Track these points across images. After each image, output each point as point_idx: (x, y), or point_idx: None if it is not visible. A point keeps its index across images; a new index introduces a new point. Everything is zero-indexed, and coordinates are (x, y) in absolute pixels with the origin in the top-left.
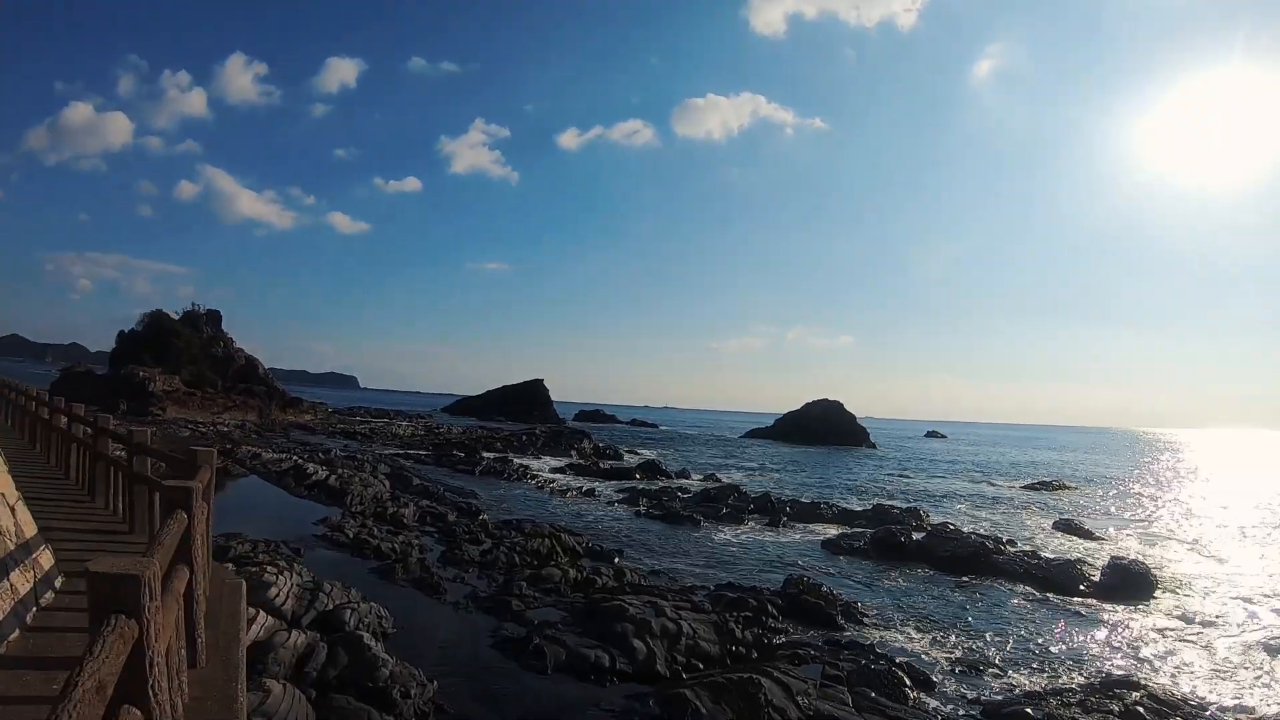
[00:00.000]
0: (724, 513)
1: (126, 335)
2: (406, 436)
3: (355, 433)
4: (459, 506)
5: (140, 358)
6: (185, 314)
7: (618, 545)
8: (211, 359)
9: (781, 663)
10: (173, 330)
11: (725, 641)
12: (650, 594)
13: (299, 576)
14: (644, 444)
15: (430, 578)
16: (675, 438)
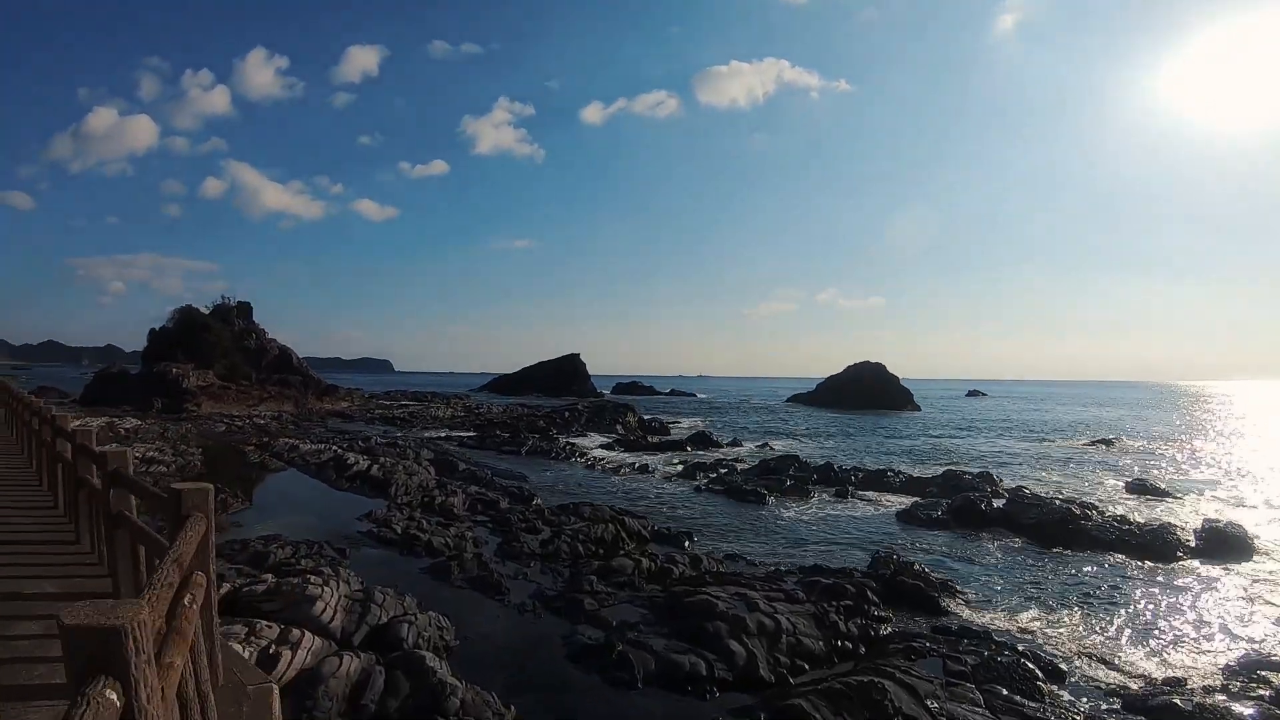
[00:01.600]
0: (788, 485)
1: (157, 333)
2: (447, 418)
3: (394, 418)
4: (510, 492)
5: (172, 354)
6: (215, 308)
7: (684, 526)
8: (244, 351)
9: (896, 658)
10: (203, 325)
11: (829, 636)
12: (734, 583)
13: (346, 585)
14: (687, 414)
15: (489, 575)
16: (716, 406)
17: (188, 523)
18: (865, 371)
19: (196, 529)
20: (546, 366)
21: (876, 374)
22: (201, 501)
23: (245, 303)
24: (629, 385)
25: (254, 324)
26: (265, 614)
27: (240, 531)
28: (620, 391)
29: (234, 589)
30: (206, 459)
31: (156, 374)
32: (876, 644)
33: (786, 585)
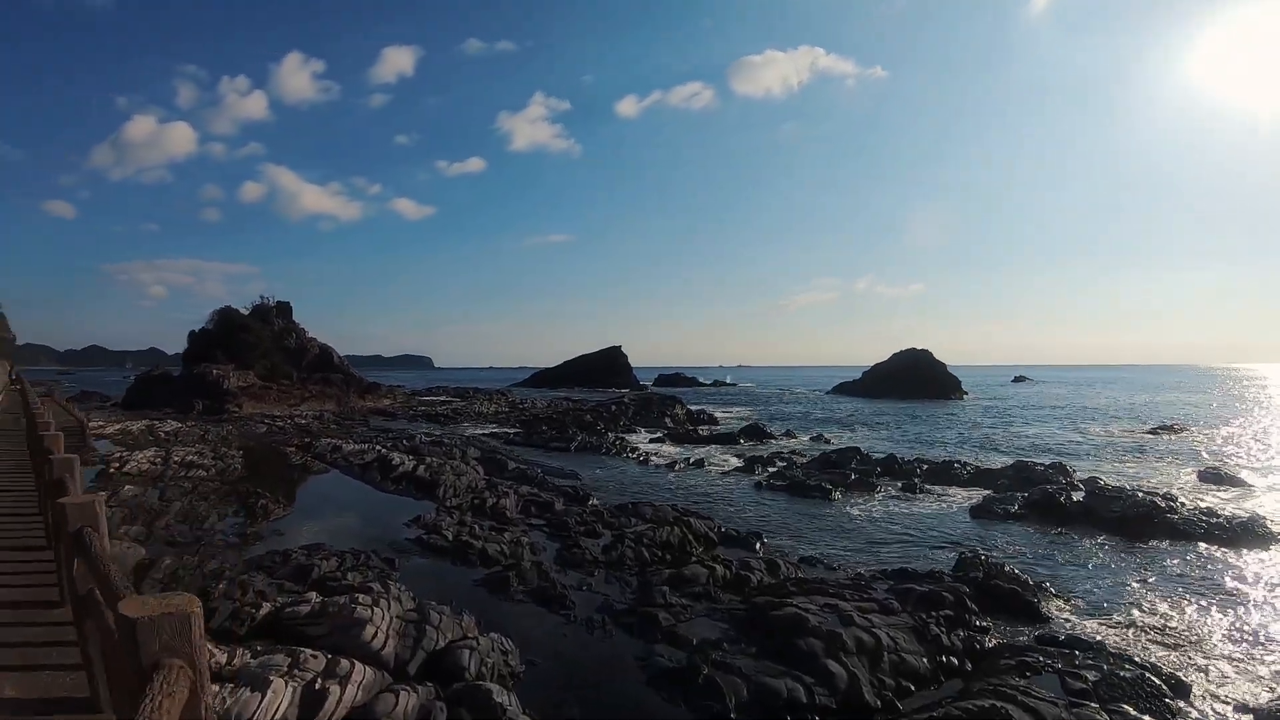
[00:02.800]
0: (852, 479)
1: (197, 335)
2: (491, 414)
3: (437, 415)
4: (564, 492)
5: (212, 355)
6: (254, 308)
7: (749, 526)
8: (285, 351)
9: (1009, 676)
10: (242, 325)
11: (932, 652)
12: (820, 592)
13: (398, 603)
14: (732, 405)
15: (552, 587)
16: (761, 397)
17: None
18: (912, 359)
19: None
20: (588, 360)
21: (922, 361)
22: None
23: (285, 302)
24: (671, 377)
25: (294, 323)
26: (310, 639)
27: (281, 541)
28: (662, 384)
29: (275, 609)
30: (247, 461)
31: (197, 375)
32: (983, 659)
33: (877, 594)
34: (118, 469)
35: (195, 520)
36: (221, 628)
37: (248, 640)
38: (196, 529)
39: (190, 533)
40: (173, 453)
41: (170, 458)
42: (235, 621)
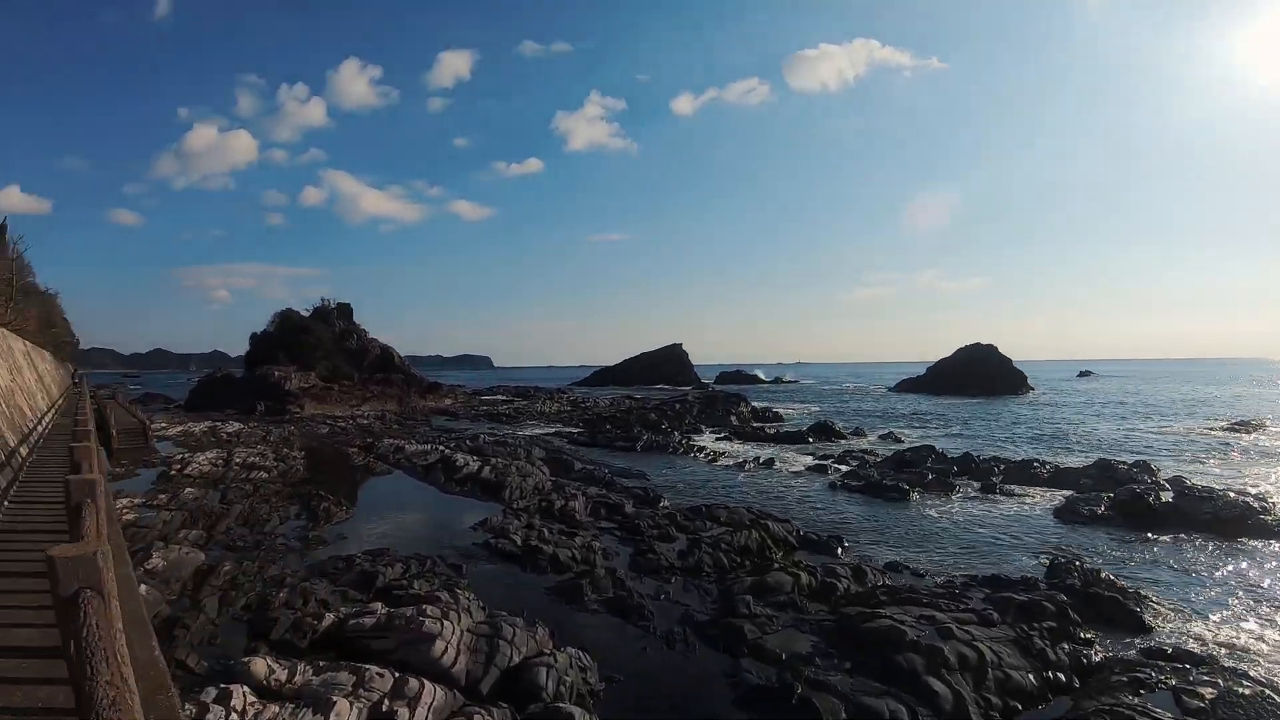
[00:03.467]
0: (929, 479)
1: (259, 337)
2: (553, 414)
3: (499, 414)
4: (634, 494)
5: (274, 357)
6: (315, 310)
7: (830, 529)
8: (346, 352)
9: (1121, 693)
10: (303, 327)
11: (1037, 667)
12: (913, 602)
13: (469, 615)
14: (795, 402)
15: (628, 596)
16: (823, 394)
17: None
18: (976, 354)
19: None
20: (648, 358)
21: (988, 356)
22: None
23: (345, 304)
24: (732, 374)
25: (355, 324)
26: (375, 654)
27: (344, 545)
28: (723, 381)
29: (339, 620)
30: (309, 462)
31: (259, 377)
32: (1091, 674)
33: (973, 603)
34: (179, 471)
35: (256, 523)
36: (282, 640)
37: (310, 654)
38: (257, 532)
39: (251, 536)
40: (234, 454)
41: (232, 459)
42: (297, 633)
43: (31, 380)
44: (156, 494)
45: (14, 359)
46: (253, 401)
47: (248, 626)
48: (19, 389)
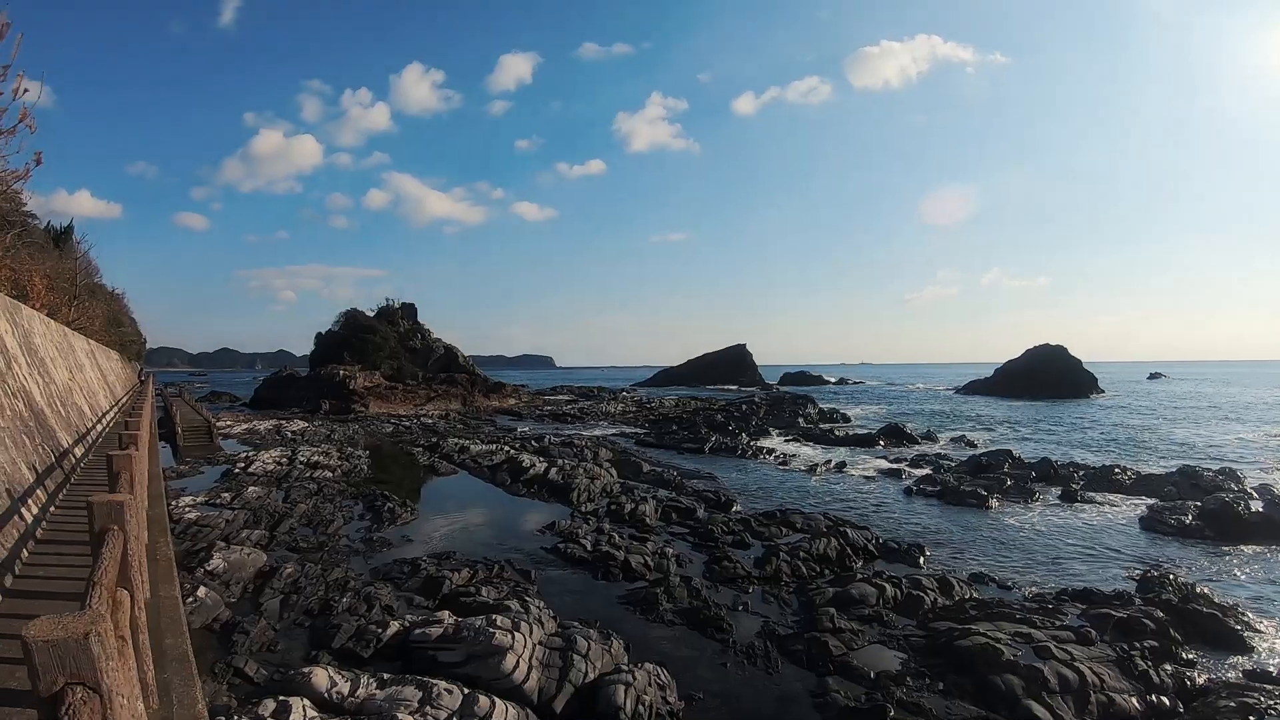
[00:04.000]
0: (1007, 485)
1: (324, 336)
2: (618, 414)
3: (564, 414)
4: (705, 497)
5: (339, 356)
6: (380, 310)
7: (908, 537)
8: (410, 351)
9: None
10: (368, 327)
11: (1140, 690)
12: (1004, 617)
13: (540, 626)
14: (861, 403)
15: (705, 607)
16: (889, 395)
17: None
18: (1046, 355)
19: None
20: (712, 358)
21: (1057, 357)
22: None
23: (410, 304)
24: (796, 375)
25: (419, 324)
26: (442, 666)
27: (409, 548)
28: (788, 382)
29: (404, 629)
30: (373, 462)
31: (324, 376)
32: (1196, 698)
33: (1068, 620)
34: (243, 469)
35: (320, 524)
36: (344, 648)
37: (373, 664)
38: (321, 533)
39: (314, 537)
40: (298, 453)
41: (296, 458)
42: (360, 642)
43: (94, 378)
44: (220, 492)
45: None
46: (317, 400)
47: (309, 633)
48: (79, 387)
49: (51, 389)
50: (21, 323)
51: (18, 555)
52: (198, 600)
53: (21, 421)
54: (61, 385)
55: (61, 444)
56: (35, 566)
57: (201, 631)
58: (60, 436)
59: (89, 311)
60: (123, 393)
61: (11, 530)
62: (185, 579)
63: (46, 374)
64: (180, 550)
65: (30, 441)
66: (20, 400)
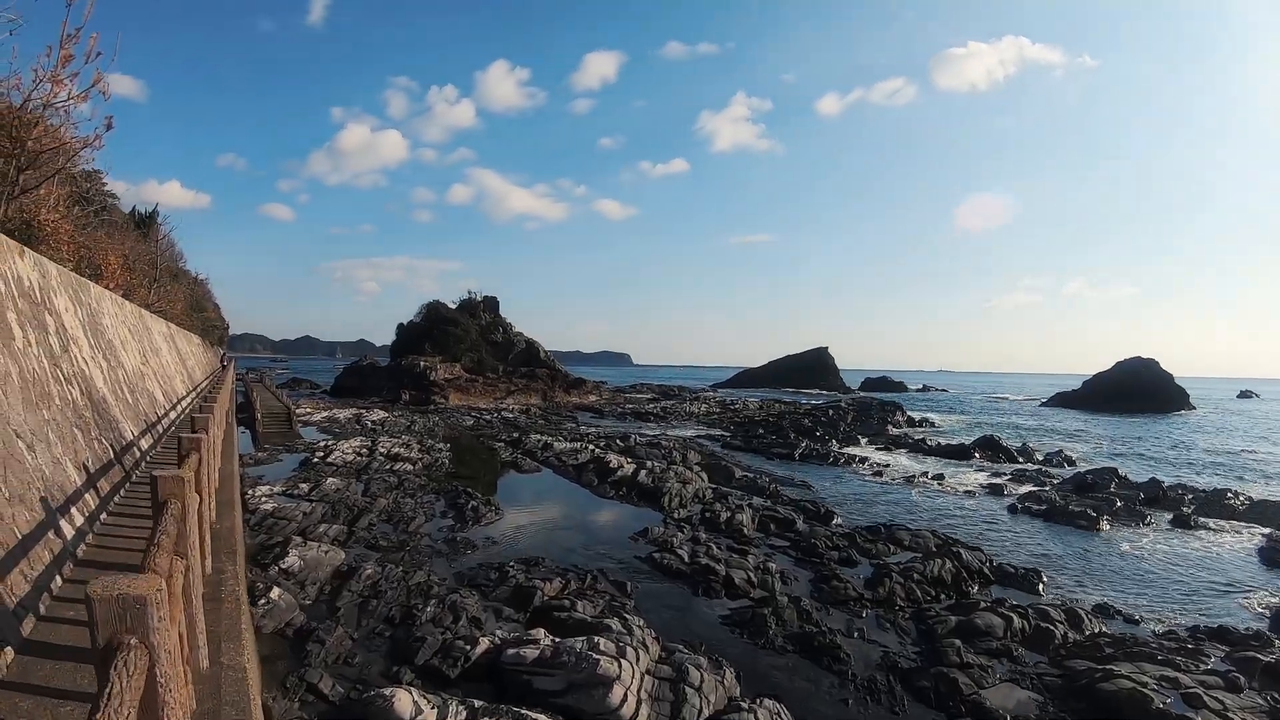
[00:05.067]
0: (1116, 507)
1: (406, 327)
2: (701, 415)
3: (646, 413)
4: (803, 508)
5: (420, 347)
6: (462, 302)
7: (1018, 559)
8: (491, 344)
9: None
10: (450, 319)
11: None
12: (1144, 657)
13: (645, 650)
14: (948, 412)
15: (819, 632)
16: (974, 405)
17: None
18: (1136, 369)
19: None
20: (793, 361)
21: (1148, 371)
22: None
23: (492, 297)
24: (878, 381)
25: (500, 317)
26: (538, 694)
27: (495, 550)
28: (870, 388)
29: (494, 647)
30: (455, 455)
31: (404, 366)
32: None
33: (1213, 663)
34: (322, 459)
35: (400, 520)
36: (428, 665)
37: (460, 686)
38: (401, 531)
39: (395, 535)
40: (378, 443)
41: (376, 449)
42: (446, 659)
43: (170, 362)
44: (297, 482)
45: (150, 340)
46: (398, 390)
47: (389, 644)
48: (152, 372)
49: (119, 374)
50: (88, 301)
51: (47, 585)
52: (271, 602)
53: (75, 412)
54: (132, 370)
55: (125, 436)
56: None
57: (273, 637)
58: (124, 427)
59: (170, 295)
60: (203, 377)
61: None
62: (259, 576)
63: (114, 357)
64: (255, 544)
65: (84, 435)
66: (76, 387)
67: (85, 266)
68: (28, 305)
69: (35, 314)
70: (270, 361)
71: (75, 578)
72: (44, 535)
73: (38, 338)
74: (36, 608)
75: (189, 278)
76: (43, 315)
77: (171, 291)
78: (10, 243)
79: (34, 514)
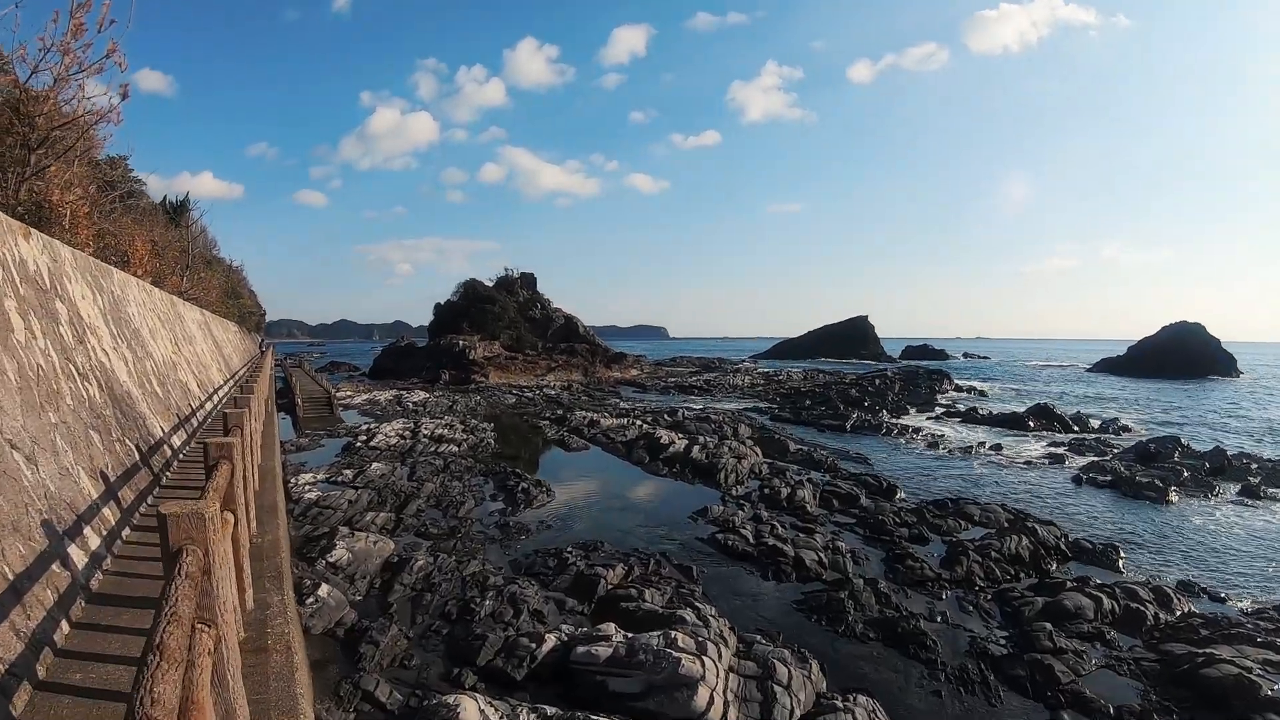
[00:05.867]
0: (1184, 477)
1: (443, 306)
2: (746, 387)
3: (689, 386)
4: (864, 482)
5: (458, 326)
6: (499, 280)
7: (1096, 534)
8: (529, 321)
9: None
10: (488, 297)
11: None
12: (1243, 639)
13: (724, 644)
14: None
15: (900, 616)
16: (1018, 373)
17: None
18: (1182, 333)
19: None
20: (833, 330)
21: (1192, 336)
22: None
23: (529, 274)
24: (919, 349)
25: (538, 294)
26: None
27: (549, 535)
28: (910, 356)
29: (562, 644)
30: (499, 434)
31: (443, 346)
32: None
33: None
34: (364, 443)
35: (449, 505)
36: (491, 667)
37: (527, 688)
38: (451, 517)
39: (444, 521)
40: (421, 425)
41: (419, 431)
42: (510, 659)
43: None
44: (341, 468)
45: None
46: (437, 370)
47: (447, 643)
48: (185, 361)
49: (146, 365)
50: (111, 288)
51: (48, 638)
52: (319, 601)
53: (91, 411)
54: (162, 360)
55: (154, 433)
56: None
57: (323, 639)
58: (153, 424)
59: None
60: (240, 365)
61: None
62: (306, 572)
63: (142, 348)
64: (300, 535)
65: (102, 437)
66: (94, 383)
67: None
68: (33, 292)
69: (43, 302)
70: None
71: (86, 620)
72: (45, 571)
73: (45, 328)
74: (33, 672)
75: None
76: (52, 303)
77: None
78: (11, 222)
79: (32, 544)
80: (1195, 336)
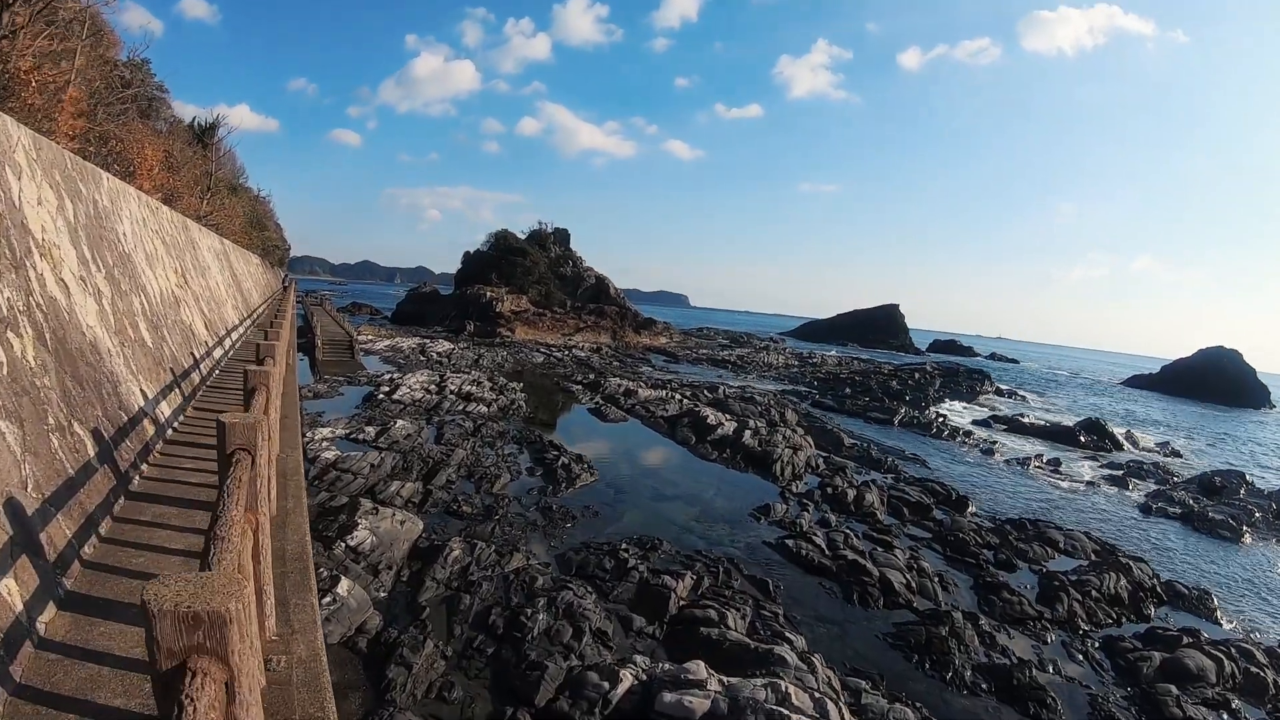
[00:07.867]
0: (1255, 517)
1: (472, 256)
2: (780, 367)
3: (722, 360)
4: (931, 489)
5: (486, 277)
6: (531, 233)
7: (1178, 573)
8: (560, 278)
9: None
10: (519, 249)
11: None
12: None
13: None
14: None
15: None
16: (1049, 380)
17: None
18: (1218, 359)
19: None
20: (862, 315)
21: (1227, 362)
22: None
23: (563, 229)
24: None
25: (571, 251)
26: None
27: (597, 524)
28: (937, 349)
29: (642, 684)
30: (530, 396)
31: (469, 296)
32: None
33: None
34: (387, 394)
35: (483, 478)
36: (552, 709)
37: None
38: (485, 493)
39: (479, 499)
40: (447, 380)
41: (445, 386)
42: (576, 701)
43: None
44: (362, 425)
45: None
46: (461, 320)
47: (494, 668)
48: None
49: (134, 302)
50: (94, 197)
51: None
52: (338, 600)
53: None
54: (160, 295)
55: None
56: None
57: (341, 651)
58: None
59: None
60: (260, 301)
61: None
62: (323, 559)
63: (130, 278)
64: (316, 503)
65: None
66: (27, 334)
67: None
68: None
69: None
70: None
71: None
72: None
73: None
74: None
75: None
76: None
77: (229, 205)
78: None
79: None
80: (1231, 363)
